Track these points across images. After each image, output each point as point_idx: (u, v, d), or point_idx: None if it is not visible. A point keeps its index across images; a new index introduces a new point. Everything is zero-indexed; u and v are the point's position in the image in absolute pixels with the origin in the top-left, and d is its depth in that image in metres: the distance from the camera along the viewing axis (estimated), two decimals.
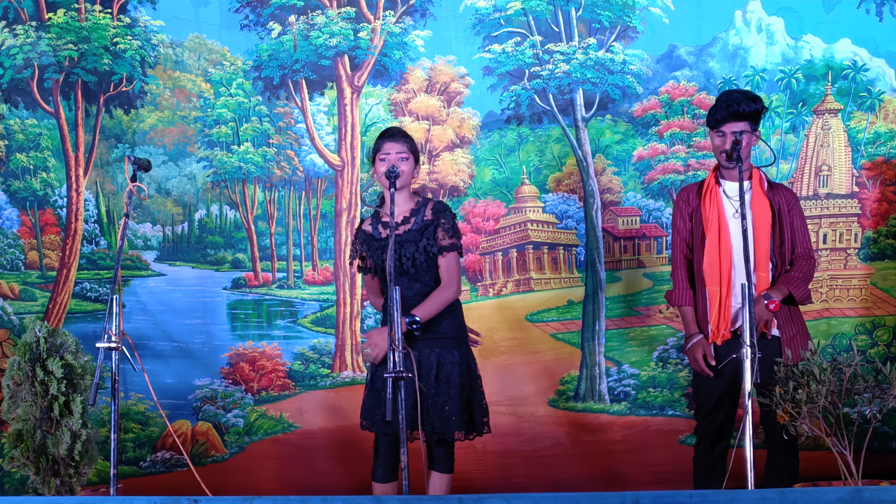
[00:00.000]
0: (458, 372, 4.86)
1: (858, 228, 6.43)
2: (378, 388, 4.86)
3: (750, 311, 4.48)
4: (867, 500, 3.74)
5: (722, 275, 4.97)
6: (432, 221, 4.93)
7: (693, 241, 5.14)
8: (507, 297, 6.50)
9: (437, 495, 4.78)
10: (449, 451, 4.94)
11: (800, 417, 4.39)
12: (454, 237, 4.93)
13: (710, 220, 5.00)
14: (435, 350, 4.86)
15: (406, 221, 4.94)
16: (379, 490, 4.91)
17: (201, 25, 6.49)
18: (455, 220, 4.97)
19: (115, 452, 4.72)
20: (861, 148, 6.41)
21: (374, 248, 4.97)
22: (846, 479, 4.38)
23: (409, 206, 4.98)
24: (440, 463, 4.93)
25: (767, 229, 4.98)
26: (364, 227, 5.07)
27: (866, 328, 6.37)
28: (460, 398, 4.83)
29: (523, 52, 6.41)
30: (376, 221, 5.04)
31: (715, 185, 5.05)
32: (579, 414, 6.42)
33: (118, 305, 4.69)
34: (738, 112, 4.92)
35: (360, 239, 5.05)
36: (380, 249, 4.93)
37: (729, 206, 5.01)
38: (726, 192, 5.04)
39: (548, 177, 6.48)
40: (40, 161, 6.50)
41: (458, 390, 4.83)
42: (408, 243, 4.89)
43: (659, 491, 4.64)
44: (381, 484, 4.93)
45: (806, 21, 6.40)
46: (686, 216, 5.14)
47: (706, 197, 5.03)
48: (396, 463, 4.91)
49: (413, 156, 4.94)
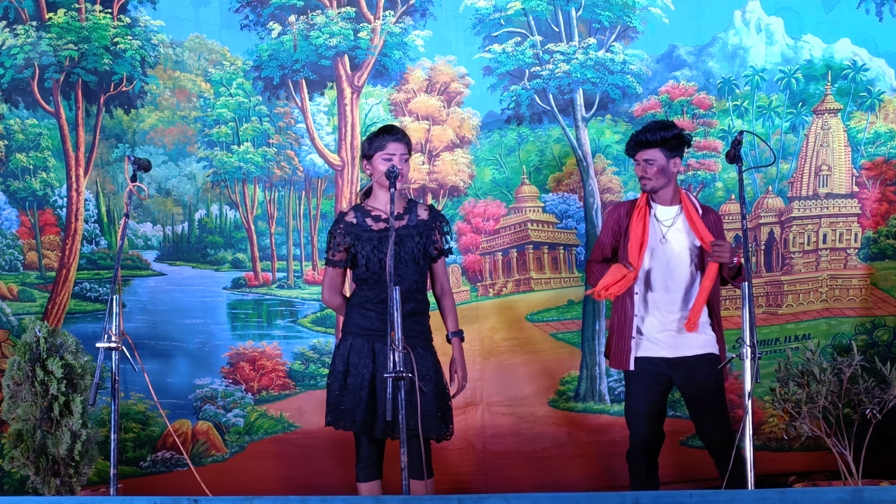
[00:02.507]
0: (432, 370, 4.92)
1: (858, 228, 6.45)
2: (356, 387, 4.86)
3: (750, 311, 4.50)
4: (867, 500, 3.77)
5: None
6: (430, 223, 4.99)
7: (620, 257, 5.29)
8: (507, 297, 6.51)
9: (437, 496, 4.66)
10: (426, 453, 4.89)
11: (800, 417, 4.41)
12: (448, 242, 5.07)
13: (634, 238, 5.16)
14: (413, 348, 4.86)
15: (400, 217, 4.98)
16: (365, 490, 4.94)
17: (201, 25, 6.50)
18: (450, 226, 5.11)
19: (115, 452, 4.72)
20: (861, 148, 6.43)
21: (364, 240, 4.96)
22: (846, 479, 4.39)
23: (401, 204, 5.05)
24: (418, 469, 4.87)
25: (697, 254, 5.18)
26: (347, 218, 5.04)
27: (866, 328, 6.39)
28: (435, 396, 4.88)
29: (523, 52, 6.42)
30: (362, 214, 5.03)
31: (646, 206, 5.25)
32: (579, 414, 6.43)
33: (118, 305, 4.70)
34: (643, 141, 5.20)
35: (344, 229, 5.01)
36: (371, 241, 4.94)
37: (657, 231, 5.21)
38: (657, 215, 5.25)
39: (548, 177, 6.50)
40: (40, 161, 6.51)
41: (433, 387, 4.88)
42: (407, 238, 4.94)
43: (659, 491, 4.67)
44: (365, 484, 4.96)
45: (805, 21, 6.42)
46: (614, 233, 5.34)
47: (635, 217, 5.21)
48: (380, 461, 4.97)
49: (410, 156, 5.04)
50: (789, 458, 6.26)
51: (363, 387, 4.84)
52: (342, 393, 4.91)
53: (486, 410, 6.36)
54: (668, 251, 5.16)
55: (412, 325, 4.90)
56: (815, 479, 5.43)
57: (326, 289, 5.14)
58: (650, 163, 5.17)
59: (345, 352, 4.95)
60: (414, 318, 4.93)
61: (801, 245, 6.49)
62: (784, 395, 4.46)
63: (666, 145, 5.20)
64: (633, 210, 5.26)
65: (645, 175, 5.19)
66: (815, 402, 4.27)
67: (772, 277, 6.51)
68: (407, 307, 4.87)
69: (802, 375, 4.39)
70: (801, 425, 4.31)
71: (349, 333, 4.99)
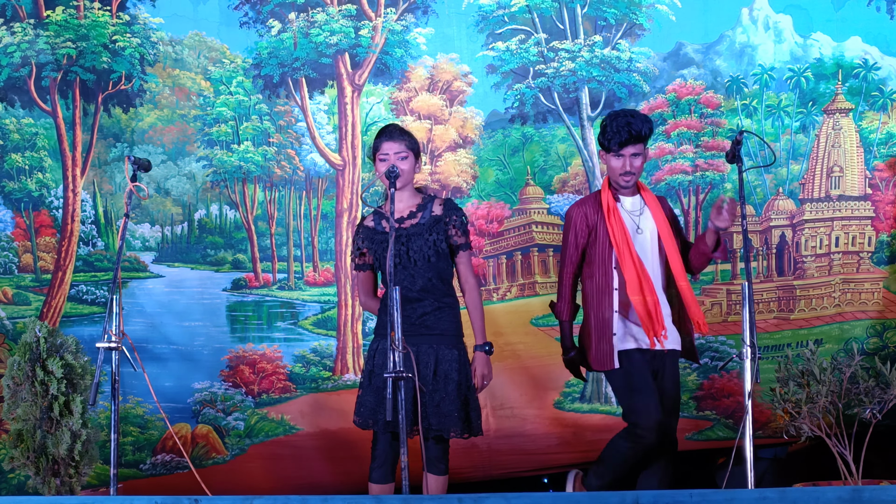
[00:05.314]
0: (456, 369, 4.97)
1: (872, 232, 6.51)
2: (379, 387, 4.94)
3: (750, 311, 4.58)
4: (867, 500, 3.83)
5: (644, 285, 5.03)
6: (442, 218, 5.03)
7: (589, 256, 5.20)
8: (511, 302, 6.61)
9: (437, 495, 4.85)
10: (444, 450, 5.03)
11: (800, 417, 4.52)
12: (466, 235, 5.07)
13: (618, 238, 5.07)
14: (433, 347, 4.97)
15: (412, 216, 5.05)
16: (376, 491, 4.98)
17: (201, 23, 6.60)
18: (465, 218, 5.09)
19: (115, 452, 4.78)
20: (873, 148, 6.49)
21: (375, 242, 5.08)
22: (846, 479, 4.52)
23: (414, 202, 5.10)
24: (435, 464, 4.99)
25: (673, 238, 5.13)
26: (366, 222, 5.18)
27: (877, 331, 6.45)
28: (458, 396, 4.94)
29: (528, 49, 6.50)
30: (379, 217, 5.13)
31: (614, 203, 5.13)
32: (585, 415, 6.51)
33: (118, 305, 4.75)
34: (638, 134, 5.04)
35: (363, 234, 5.15)
36: (383, 243, 5.01)
37: (630, 223, 5.13)
38: (624, 207, 5.15)
39: (553, 177, 6.60)
40: (36, 161, 6.58)
41: (455, 388, 4.94)
42: (415, 237, 5.01)
43: (659, 491, 4.85)
44: (378, 485, 5.01)
45: (814, 19, 6.49)
46: (584, 233, 5.18)
47: (610, 216, 5.10)
48: (395, 464, 5.00)
49: (413, 152, 5.05)
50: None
51: (385, 386, 4.83)
52: (366, 392, 5.04)
53: (492, 414, 6.43)
54: (641, 241, 5.11)
55: (435, 323, 4.99)
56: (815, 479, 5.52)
57: (359, 293, 5.35)
58: (637, 157, 5.07)
59: (372, 352, 5.07)
60: (436, 314, 5.01)
61: (814, 248, 6.54)
62: (784, 395, 4.59)
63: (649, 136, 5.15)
64: (599, 209, 5.14)
65: (630, 170, 5.08)
66: (815, 402, 4.42)
67: (784, 282, 6.57)
68: (424, 306, 4.99)
69: (802, 375, 4.54)
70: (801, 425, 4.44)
71: (377, 334, 5.12)
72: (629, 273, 5.03)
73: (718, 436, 6.55)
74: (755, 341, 4.59)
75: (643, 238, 5.12)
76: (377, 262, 5.13)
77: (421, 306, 4.99)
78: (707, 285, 6.63)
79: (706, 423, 6.56)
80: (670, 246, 5.11)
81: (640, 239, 5.11)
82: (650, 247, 5.13)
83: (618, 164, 5.10)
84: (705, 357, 6.49)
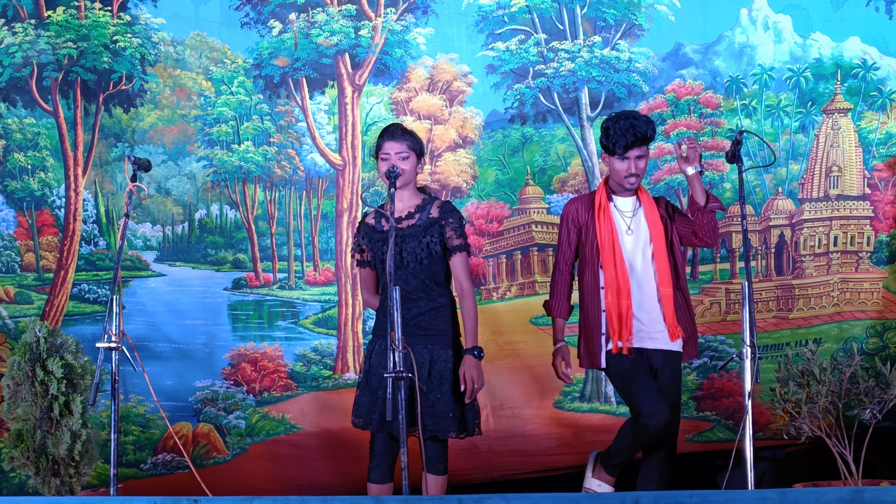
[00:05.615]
0: (450, 369, 4.95)
1: (871, 232, 6.53)
2: (374, 387, 4.95)
3: (750, 311, 4.59)
4: (867, 500, 3.85)
5: (621, 288, 5.05)
6: (438, 220, 5.02)
7: (583, 254, 5.22)
8: (511, 301, 6.63)
9: (437, 495, 4.86)
10: (442, 450, 5.01)
11: (800, 417, 4.53)
12: (462, 237, 5.04)
13: (604, 237, 5.10)
14: (428, 347, 4.95)
15: (410, 216, 5.05)
16: (375, 491, 4.98)
17: (202, 23, 6.63)
18: (462, 221, 5.08)
19: (115, 451, 4.79)
20: (872, 148, 6.50)
21: (375, 241, 5.09)
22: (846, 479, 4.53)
23: (414, 202, 5.09)
24: (434, 464, 4.97)
25: (664, 243, 5.13)
26: (367, 220, 5.20)
27: (877, 331, 6.46)
28: (453, 396, 4.92)
29: (527, 50, 6.53)
30: (380, 216, 5.13)
31: (607, 202, 5.14)
32: (585, 415, 6.52)
33: (118, 305, 4.76)
34: (645, 137, 5.02)
35: (363, 232, 5.17)
36: (381, 241, 5.03)
37: (621, 223, 5.14)
38: (618, 207, 5.15)
39: (552, 177, 6.62)
40: (38, 161, 6.60)
41: (450, 388, 4.92)
42: (410, 238, 5.00)
43: (659, 491, 4.87)
44: (377, 485, 5.01)
45: (814, 19, 6.51)
46: (574, 230, 5.21)
47: (599, 214, 5.12)
48: (393, 464, 5.00)
49: (415, 152, 5.05)
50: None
51: (381, 386, 4.87)
52: (362, 392, 5.04)
53: (492, 414, 6.46)
54: (630, 242, 5.11)
55: (430, 324, 4.98)
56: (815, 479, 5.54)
57: (362, 289, 5.36)
58: (641, 158, 5.06)
59: (369, 353, 5.09)
60: (430, 315, 5.01)
61: (812, 248, 6.56)
62: (784, 395, 4.59)
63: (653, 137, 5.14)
64: (591, 207, 5.16)
65: (635, 172, 5.06)
66: (815, 402, 4.43)
67: (783, 281, 6.59)
68: (419, 307, 4.98)
69: (802, 375, 4.54)
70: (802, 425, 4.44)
71: (375, 335, 5.14)
72: (609, 273, 5.06)
73: (718, 437, 6.57)
74: (755, 341, 4.59)
75: (633, 239, 5.12)
76: (374, 260, 5.14)
77: (416, 307, 4.99)
78: (706, 284, 6.65)
79: (706, 423, 6.57)
80: (659, 249, 5.11)
81: (630, 240, 5.12)
82: (641, 248, 5.12)
83: (622, 167, 5.08)
84: (704, 357, 6.50)
